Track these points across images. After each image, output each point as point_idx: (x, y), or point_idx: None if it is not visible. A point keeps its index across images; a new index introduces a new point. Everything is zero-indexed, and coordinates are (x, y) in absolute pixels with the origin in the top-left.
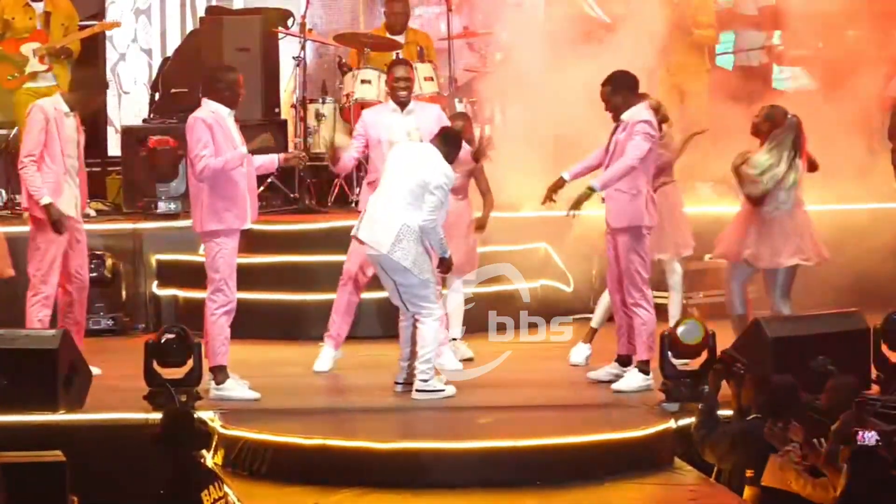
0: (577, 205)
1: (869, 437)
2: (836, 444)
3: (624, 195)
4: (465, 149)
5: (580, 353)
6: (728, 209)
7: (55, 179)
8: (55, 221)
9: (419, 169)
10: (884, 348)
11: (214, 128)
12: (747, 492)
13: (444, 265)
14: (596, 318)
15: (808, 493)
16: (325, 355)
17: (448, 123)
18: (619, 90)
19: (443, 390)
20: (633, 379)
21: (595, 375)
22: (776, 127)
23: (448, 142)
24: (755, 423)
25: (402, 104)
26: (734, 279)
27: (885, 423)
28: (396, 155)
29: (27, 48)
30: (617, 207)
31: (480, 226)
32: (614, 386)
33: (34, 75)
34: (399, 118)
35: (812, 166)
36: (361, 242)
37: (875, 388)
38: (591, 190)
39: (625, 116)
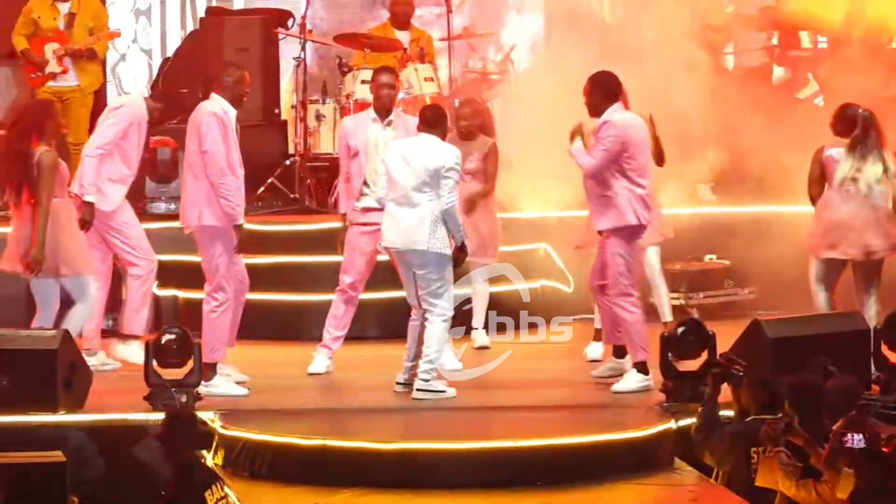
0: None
1: (856, 440)
2: (836, 446)
3: (602, 198)
4: (481, 138)
5: (595, 349)
6: (728, 209)
7: (121, 178)
8: (85, 220)
9: (425, 160)
10: (884, 348)
11: (227, 126)
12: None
13: (462, 254)
14: (598, 318)
15: (793, 493)
16: (319, 362)
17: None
18: (595, 90)
19: (444, 392)
20: (631, 379)
21: (598, 373)
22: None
23: (435, 123)
24: (755, 424)
25: (385, 112)
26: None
27: (886, 423)
28: (395, 156)
29: (49, 48)
30: (596, 211)
31: (470, 204)
32: (614, 387)
33: (54, 75)
34: (378, 129)
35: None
36: (387, 250)
37: (875, 388)
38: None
39: (599, 121)
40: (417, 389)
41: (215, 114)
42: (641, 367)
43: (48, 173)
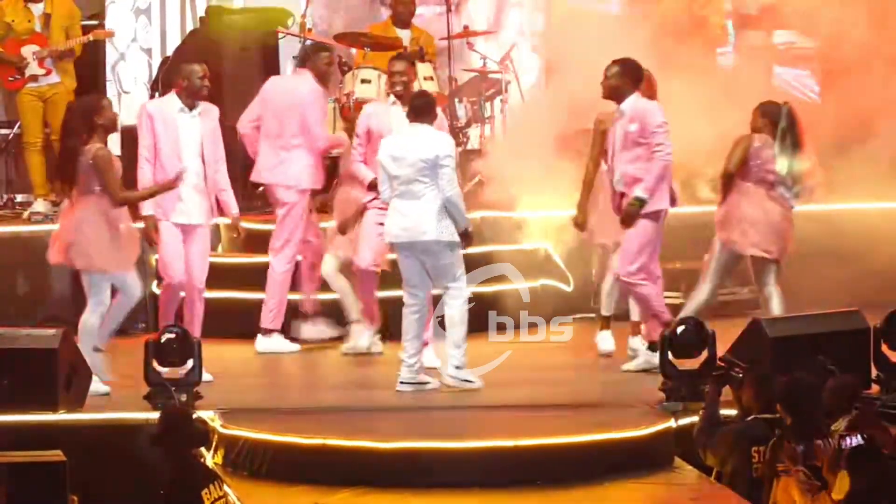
0: (629, 220)
1: (854, 441)
2: (837, 447)
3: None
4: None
5: (607, 341)
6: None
7: None
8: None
9: (419, 151)
10: (884, 348)
11: (155, 118)
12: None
13: (467, 239)
14: (605, 306)
15: None
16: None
17: (445, 122)
18: (626, 75)
19: (472, 382)
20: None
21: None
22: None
23: (423, 110)
24: (755, 424)
25: (400, 98)
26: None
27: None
28: (386, 153)
29: (27, 50)
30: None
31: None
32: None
33: (35, 77)
34: (399, 112)
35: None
36: (392, 248)
37: (875, 388)
38: (640, 201)
39: (625, 107)
40: (449, 375)
41: (143, 106)
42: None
43: (109, 168)
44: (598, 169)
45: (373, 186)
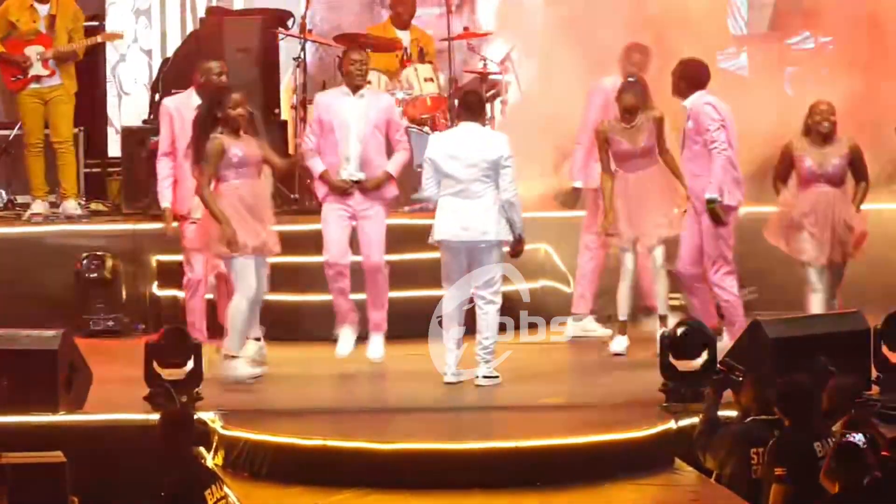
0: (717, 222)
1: (856, 439)
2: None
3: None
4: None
5: (620, 343)
6: None
7: None
8: None
9: (482, 151)
10: (884, 348)
11: (174, 115)
12: (775, 489)
13: (520, 246)
14: (622, 311)
15: None
16: (347, 341)
17: (396, 114)
18: (679, 74)
19: (498, 377)
20: None
21: None
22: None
23: (475, 108)
24: (755, 425)
25: (356, 88)
26: None
27: (886, 423)
28: (441, 151)
29: (31, 51)
30: (698, 189)
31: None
32: None
33: (38, 78)
34: (352, 101)
35: None
36: (444, 243)
37: (875, 388)
38: (713, 201)
39: (686, 103)
40: (485, 377)
41: (163, 104)
42: None
43: (207, 159)
44: (611, 175)
45: (322, 180)
